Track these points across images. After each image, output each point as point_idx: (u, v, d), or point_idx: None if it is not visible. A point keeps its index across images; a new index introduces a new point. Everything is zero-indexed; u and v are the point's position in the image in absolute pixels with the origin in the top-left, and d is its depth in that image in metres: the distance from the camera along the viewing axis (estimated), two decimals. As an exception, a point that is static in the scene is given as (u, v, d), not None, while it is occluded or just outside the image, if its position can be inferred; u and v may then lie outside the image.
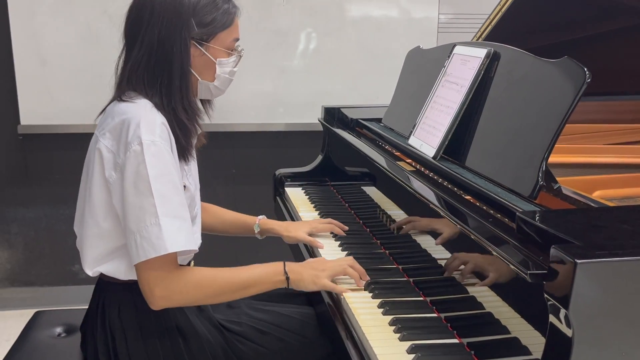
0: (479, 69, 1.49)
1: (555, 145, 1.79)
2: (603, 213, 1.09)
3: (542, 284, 0.91)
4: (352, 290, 1.44)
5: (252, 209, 2.13)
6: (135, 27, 1.38)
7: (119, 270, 1.40)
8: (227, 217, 1.86)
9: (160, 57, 1.36)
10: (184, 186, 1.42)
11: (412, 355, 1.17)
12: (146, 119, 1.31)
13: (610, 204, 1.20)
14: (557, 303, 0.87)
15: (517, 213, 1.06)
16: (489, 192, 1.23)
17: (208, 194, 3.07)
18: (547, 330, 0.91)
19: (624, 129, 2.07)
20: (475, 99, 1.48)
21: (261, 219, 1.84)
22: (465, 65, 1.56)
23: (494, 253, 1.07)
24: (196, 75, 1.44)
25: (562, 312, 0.87)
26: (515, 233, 1.07)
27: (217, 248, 2.34)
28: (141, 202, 1.28)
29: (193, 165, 1.57)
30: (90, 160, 1.39)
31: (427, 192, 1.40)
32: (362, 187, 2.02)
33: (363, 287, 1.45)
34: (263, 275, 1.42)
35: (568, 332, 0.86)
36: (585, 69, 1.17)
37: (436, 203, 1.34)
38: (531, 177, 1.19)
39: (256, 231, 1.83)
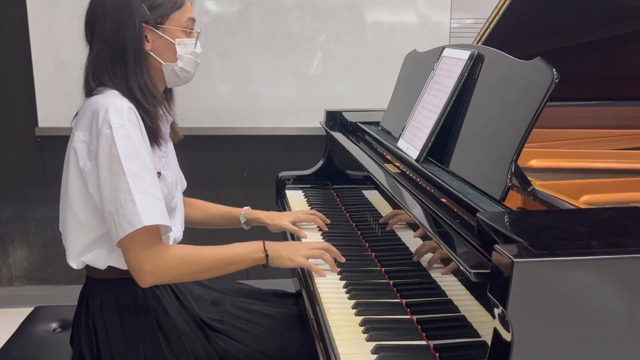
0: (462, 71, 1.48)
1: (556, 150, 1.78)
2: (565, 215, 1.06)
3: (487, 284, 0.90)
4: (327, 281, 1.48)
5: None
6: (92, 26, 1.45)
7: (99, 258, 1.44)
8: (213, 210, 1.90)
9: (117, 46, 1.42)
10: (160, 173, 1.47)
11: (375, 356, 1.16)
12: (114, 104, 1.36)
13: (584, 207, 1.17)
14: (497, 303, 0.86)
15: (477, 214, 1.05)
16: (459, 194, 1.22)
17: (219, 197, 3.10)
18: (493, 331, 0.90)
19: (635, 134, 2.03)
20: (459, 101, 1.47)
21: (247, 210, 1.88)
22: (450, 67, 1.55)
23: (445, 251, 1.07)
24: (158, 59, 1.48)
25: (502, 312, 0.85)
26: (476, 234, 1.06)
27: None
28: (115, 182, 1.33)
29: (172, 160, 1.61)
30: (66, 159, 1.43)
31: (400, 192, 1.40)
32: (363, 191, 2.02)
33: (337, 272, 1.53)
34: (245, 252, 1.49)
35: (507, 336, 0.85)
36: (554, 70, 1.15)
37: (406, 203, 1.34)
38: (501, 179, 1.18)
39: (242, 221, 1.88)
